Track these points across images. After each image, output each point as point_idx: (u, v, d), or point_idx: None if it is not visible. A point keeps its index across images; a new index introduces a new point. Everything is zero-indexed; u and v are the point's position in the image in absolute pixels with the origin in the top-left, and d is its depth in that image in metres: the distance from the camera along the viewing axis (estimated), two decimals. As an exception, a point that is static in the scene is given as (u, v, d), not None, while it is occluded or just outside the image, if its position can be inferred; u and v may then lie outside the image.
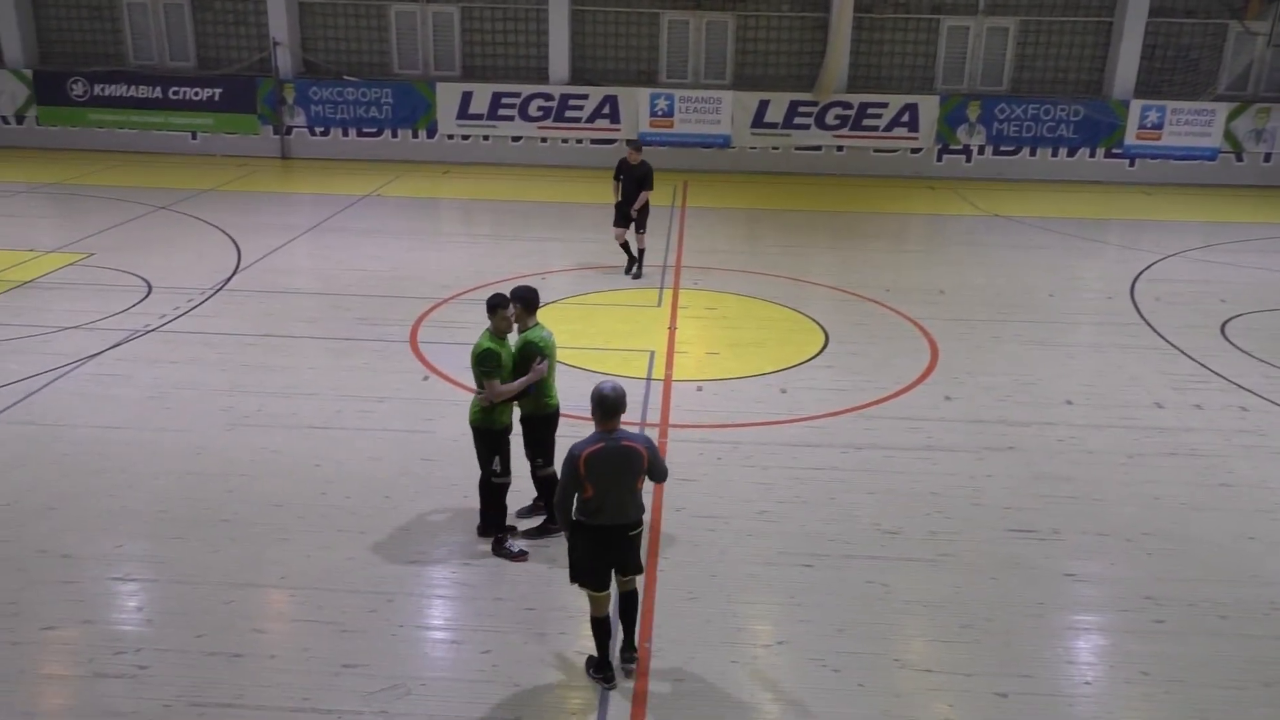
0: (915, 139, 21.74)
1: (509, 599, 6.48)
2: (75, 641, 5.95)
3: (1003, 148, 21.88)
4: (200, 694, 5.53)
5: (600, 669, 5.71)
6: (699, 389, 9.99)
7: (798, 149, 21.92)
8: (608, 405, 5.38)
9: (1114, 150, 21.77)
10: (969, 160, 22.01)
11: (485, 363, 6.62)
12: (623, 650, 5.81)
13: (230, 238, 15.34)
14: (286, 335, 11.20)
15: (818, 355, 11.04)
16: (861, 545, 7.20)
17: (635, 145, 13.62)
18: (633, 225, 13.65)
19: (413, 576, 6.71)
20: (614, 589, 5.71)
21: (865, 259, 15.27)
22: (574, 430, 6.92)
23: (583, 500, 5.42)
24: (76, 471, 7.96)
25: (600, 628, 5.65)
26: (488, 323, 6.72)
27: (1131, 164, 21.87)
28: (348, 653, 5.91)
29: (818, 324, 12.06)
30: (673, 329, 11.75)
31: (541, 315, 7.16)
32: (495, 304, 6.70)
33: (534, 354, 6.75)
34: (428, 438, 8.72)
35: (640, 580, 6.02)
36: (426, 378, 10.11)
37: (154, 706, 5.43)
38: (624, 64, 22.55)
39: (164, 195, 18.06)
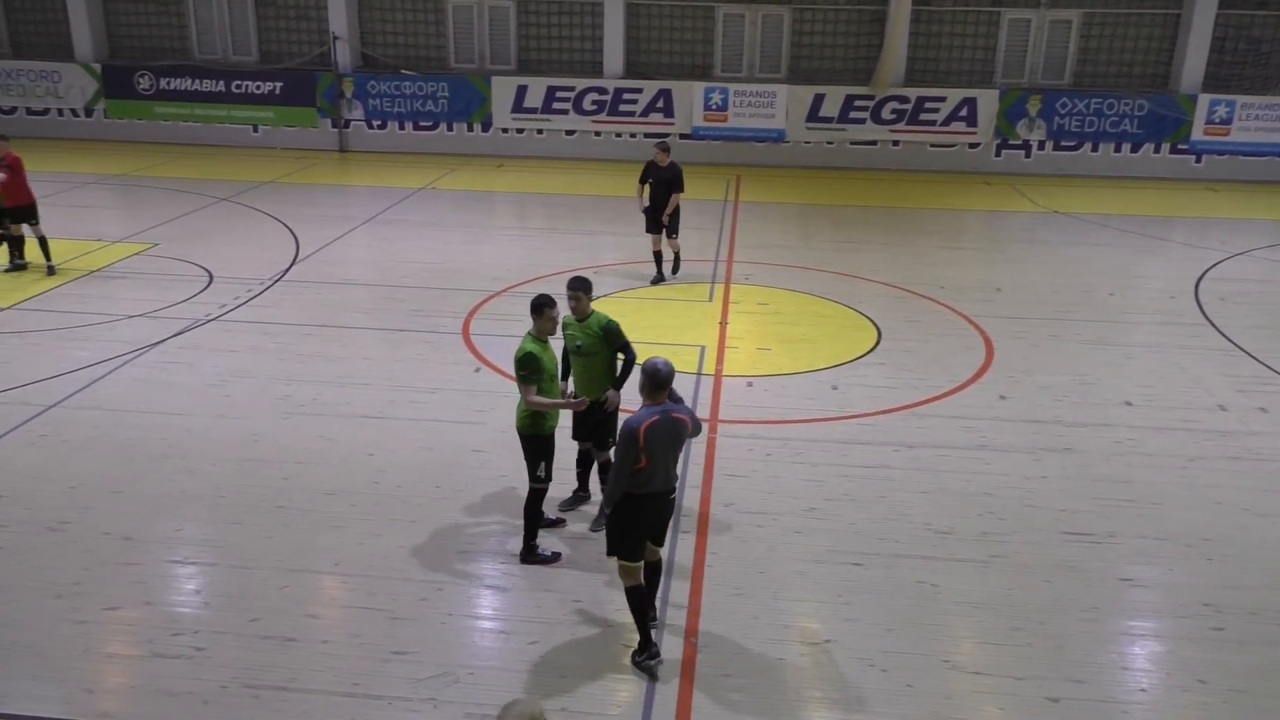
0: (973, 134, 21.41)
1: (557, 591, 6.52)
2: (136, 622, 6.11)
3: (1064, 143, 21.45)
4: (254, 677, 5.66)
5: (644, 648, 5.73)
6: (749, 384, 9.96)
7: (853, 143, 21.71)
8: (659, 379, 5.58)
9: (1180, 146, 21.23)
10: (1028, 156, 21.62)
11: (525, 367, 6.45)
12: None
13: (289, 229, 15.62)
14: (342, 326, 11.37)
15: (870, 352, 10.94)
16: (912, 544, 7.13)
17: (663, 146, 13.01)
18: (664, 231, 13.15)
19: (462, 566, 6.79)
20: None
21: (920, 255, 15.08)
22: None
23: (635, 472, 5.54)
24: (139, 456, 8.17)
25: (636, 595, 5.75)
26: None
27: (1198, 160, 21.31)
28: (398, 640, 6.00)
29: (870, 320, 11.94)
30: (724, 324, 11.72)
31: (596, 308, 7.21)
32: (542, 304, 6.58)
33: (620, 333, 6.94)
34: (478, 429, 8.80)
35: (664, 552, 6.23)
36: (478, 369, 10.21)
37: (210, 687, 5.57)
38: (679, 58, 22.50)
39: (226, 187, 18.43)
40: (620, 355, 7.09)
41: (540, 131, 22.17)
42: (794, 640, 6.10)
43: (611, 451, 6.57)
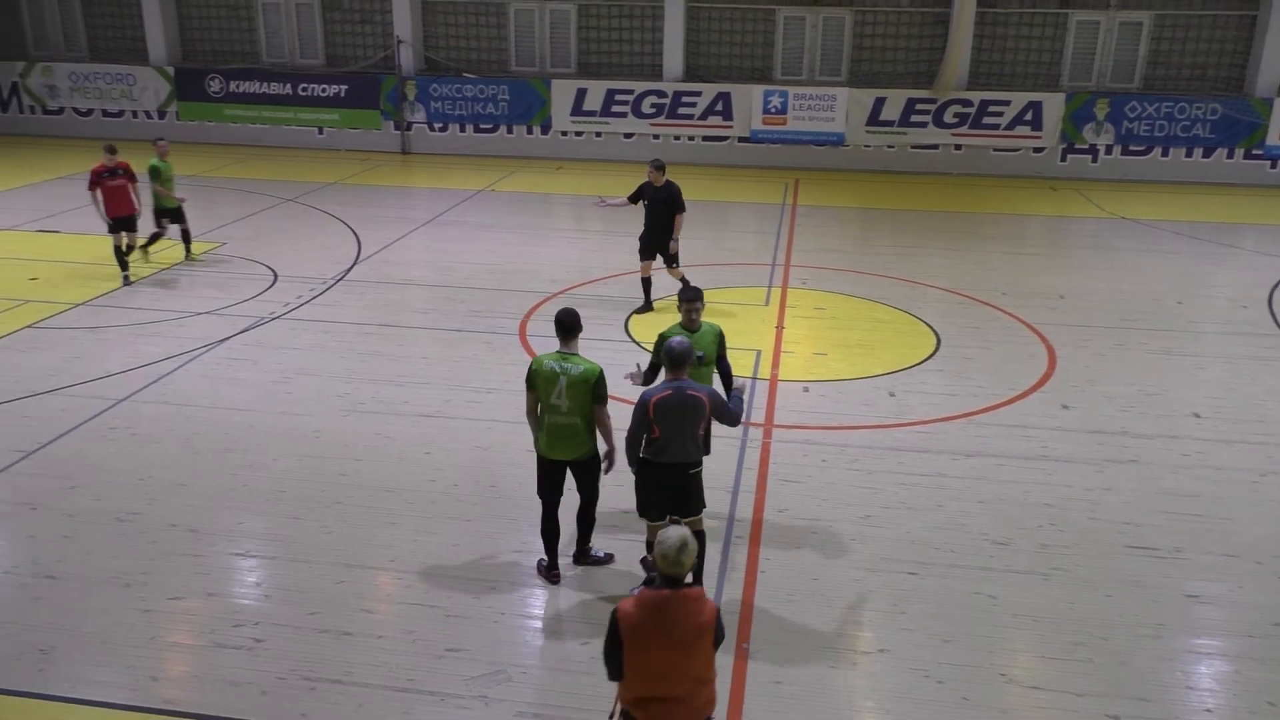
0: (1038, 138, 21.03)
1: (609, 593, 6.53)
2: (199, 612, 6.26)
3: (1132, 147, 20.96)
4: (311, 669, 5.76)
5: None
6: (805, 389, 9.89)
7: (914, 147, 21.46)
8: (674, 356, 5.97)
9: (1254, 151, 20.62)
10: (1095, 160, 21.18)
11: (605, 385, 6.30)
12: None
13: (351, 230, 15.88)
14: (402, 325, 11.53)
15: (929, 359, 10.79)
16: (969, 555, 7.02)
17: (657, 165, 11.96)
18: (665, 260, 12.06)
19: (516, 566, 6.83)
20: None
21: (981, 261, 14.85)
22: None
23: (650, 440, 6.05)
24: (205, 450, 8.37)
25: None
26: (599, 323, 6.65)
27: (1273, 165, 20.68)
28: (451, 637, 6.06)
29: (929, 327, 11.79)
30: (780, 328, 11.65)
31: (651, 311, 7.20)
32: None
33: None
34: (534, 430, 8.84)
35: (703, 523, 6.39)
36: (534, 370, 10.26)
37: (268, 678, 5.68)
38: (738, 61, 22.44)
39: (291, 188, 18.80)
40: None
41: (599, 134, 22.27)
42: (847, 649, 6.04)
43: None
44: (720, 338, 7.03)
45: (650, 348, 10.73)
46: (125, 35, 24.13)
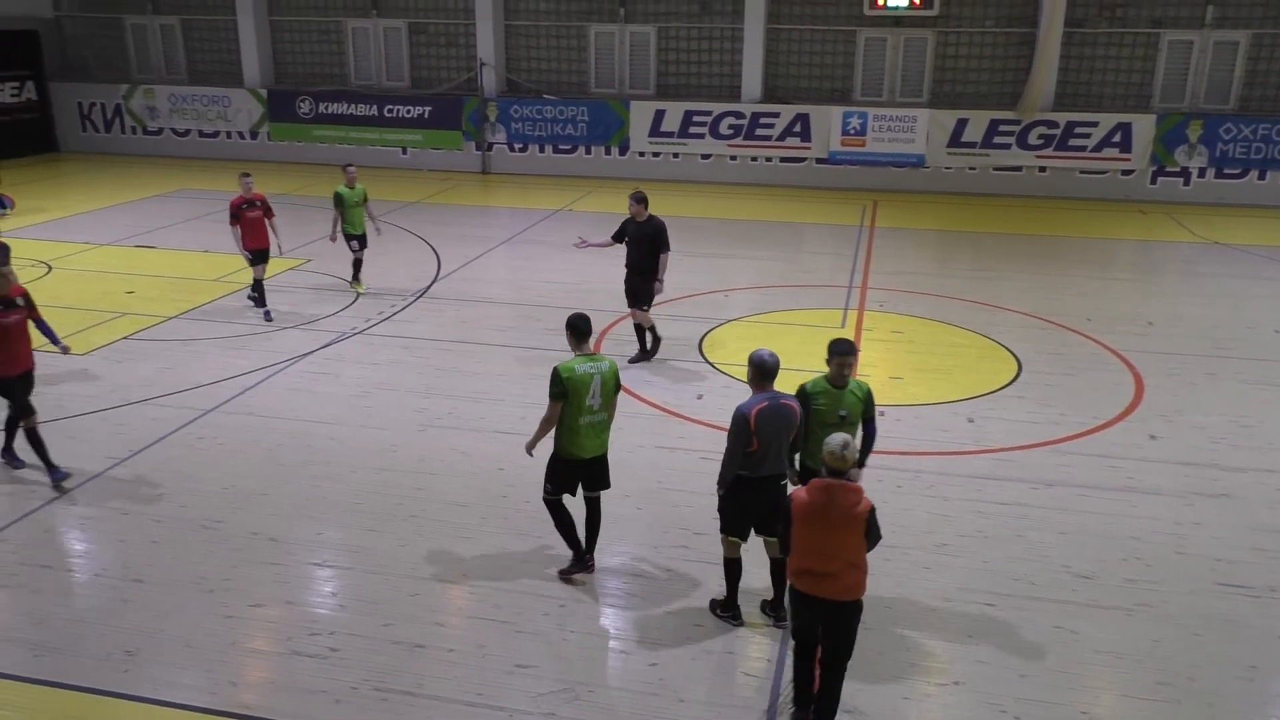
0: (1127, 160, 20.48)
1: (679, 613, 6.51)
2: (278, 620, 6.41)
3: (1227, 170, 20.28)
4: (384, 680, 5.84)
5: (728, 608, 6.36)
6: (881, 414, 9.70)
7: (996, 169, 21.07)
8: (766, 368, 6.08)
9: (1359, 174, 19.79)
10: (1187, 183, 20.54)
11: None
12: (772, 605, 6.40)
13: (432, 248, 16.20)
14: (479, 342, 11.70)
15: (1009, 384, 10.55)
16: (1049, 587, 6.82)
17: (639, 199, 10.79)
18: (638, 300, 10.82)
19: (587, 583, 6.85)
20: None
21: (1066, 285, 14.49)
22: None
23: (747, 455, 6.00)
24: (286, 461, 8.59)
25: (734, 568, 6.31)
26: (673, 344, 6.67)
27: (1380, 189, 19.81)
28: (521, 653, 6.10)
29: (1010, 352, 11.53)
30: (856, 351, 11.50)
31: (726, 332, 7.18)
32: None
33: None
34: (606, 448, 8.88)
35: None
36: (608, 389, 10.31)
37: (342, 687, 5.78)
38: (817, 82, 22.35)
39: (375, 206, 19.11)
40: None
41: (676, 155, 22.37)
42: (920, 679, 5.91)
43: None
44: (869, 396, 6.44)
45: (729, 370, 10.70)
46: (222, 59, 25.06)
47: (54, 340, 8.36)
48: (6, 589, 6.74)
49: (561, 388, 6.48)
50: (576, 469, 6.72)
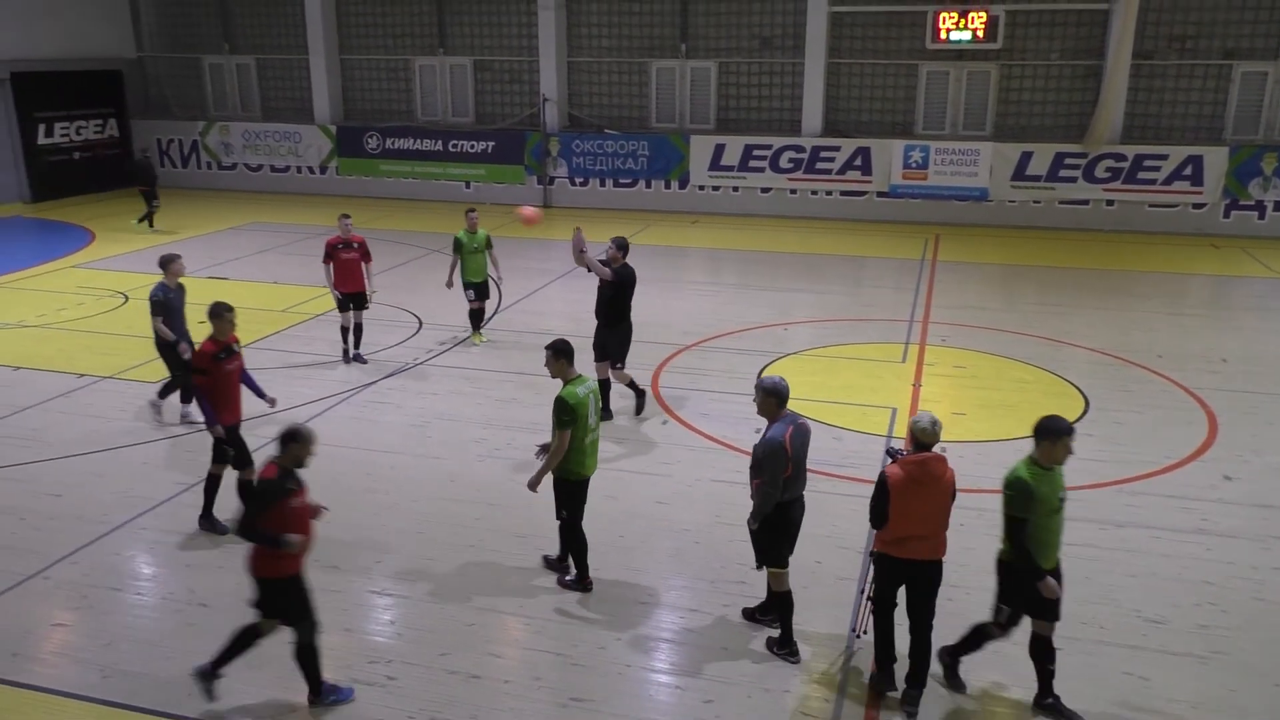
0: (1199, 193, 20.03)
1: (735, 650, 6.44)
2: (337, 647, 6.47)
3: (1304, 203, 19.73)
4: (440, 710, 5.86)
5: (784, 644, 6.36)
6: (943, 450, 9.55)
7: (1062, 203, 20.75)
8: (783, 393, 6.25)
9: None
10: (1262, 217, 20.00)
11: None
12: (779, 642, 6.42)
13: (493, 280, 16.36)
14: (537, 374, 11.69)
15: (1076, 422, 10.32)
16: (1119, 632, 6.62)
17: (620, 245, 10.34)
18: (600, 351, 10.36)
19: (642, 617, 6.82)
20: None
21: (1135, 321, 14.16)
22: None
23: (785, 480, 6.10)
24: (348, 489, 8.71)
25: (786, 602, 6.34)
26: (732, 376, 6.72)
27: None
28: (576, 686, 6.08)
29: (1077, 388, 11.29)
30: (917, 386, 11.36)
31: (785, 365, 7.15)
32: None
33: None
34: (664, 480, 8.88)
35: None
36: (665, 422, 10.32)
37: (399, 716, 5.81)
38: (879, 115, 22.29)
39: (439, 240, 19.55)
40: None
41: (735, 189, 22.42)
42: (984, 724, 5.77)
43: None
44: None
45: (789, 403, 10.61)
46: (294, 96, 25.81)
47: (259, 394, 8.41)
48: (77, 611, 6.92)
49: (572, 415, 6.71)
50: (585, 488, 7.05)
